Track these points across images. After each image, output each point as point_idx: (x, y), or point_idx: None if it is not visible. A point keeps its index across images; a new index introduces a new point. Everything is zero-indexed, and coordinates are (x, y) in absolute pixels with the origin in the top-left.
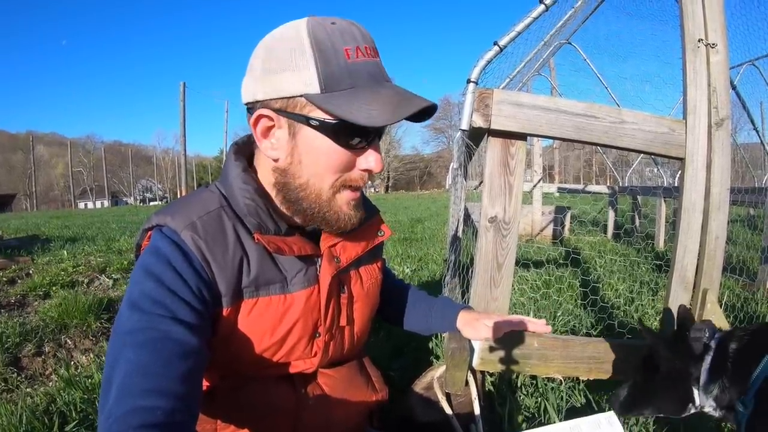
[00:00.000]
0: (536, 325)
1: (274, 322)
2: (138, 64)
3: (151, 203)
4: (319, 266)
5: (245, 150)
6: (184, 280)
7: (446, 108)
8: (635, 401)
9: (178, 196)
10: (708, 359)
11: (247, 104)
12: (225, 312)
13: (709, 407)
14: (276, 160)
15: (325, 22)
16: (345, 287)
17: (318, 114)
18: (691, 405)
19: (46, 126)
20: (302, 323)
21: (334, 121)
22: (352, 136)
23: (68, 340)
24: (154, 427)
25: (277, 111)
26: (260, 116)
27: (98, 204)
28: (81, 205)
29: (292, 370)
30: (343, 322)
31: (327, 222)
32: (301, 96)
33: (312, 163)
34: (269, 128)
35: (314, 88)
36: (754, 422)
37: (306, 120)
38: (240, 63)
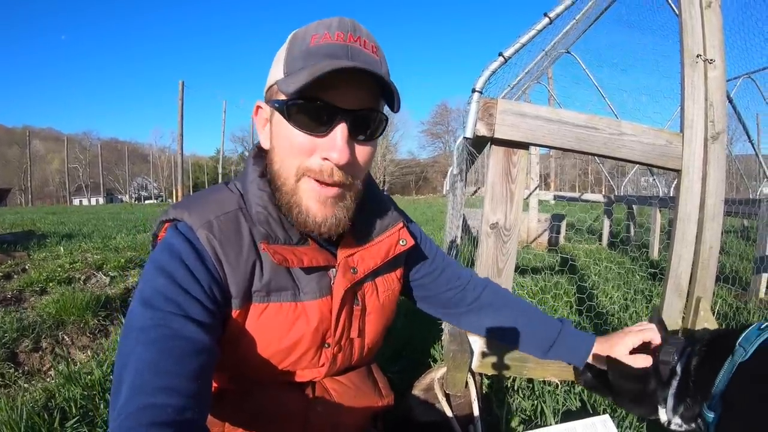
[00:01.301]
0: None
1: (283, 330)
2: (137, 62)
3: (146, 201)
4: (334, 277)
5: (265, 154)
6: (196, 278)
7: (443, 113)
8: (601, 387)
9: (174, 195)
10: (674, 384)
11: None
12: (234, 314)
13: (675, 425)
14: (268, 151)
15: (320, 21)
16: (359, 299)
17: (281, 97)
18: (655, 417)
19: (43, 121)
20: (311, 333)
21: (285, 100)
22: (307, 116)
23: (65, 337)
24: (164, 424)
25: (265, 102)
26: (257, 107)
27: (93, 201)
28: (76, 202)
29: (299, 378)
30: (353, 334)
31: (298, 220)
32: (274, 84)
33: (278, 146)
34: (266, 120)
35: (281, 73)
36: (724, 424)
37: (273, 103)
38: (239, 63)
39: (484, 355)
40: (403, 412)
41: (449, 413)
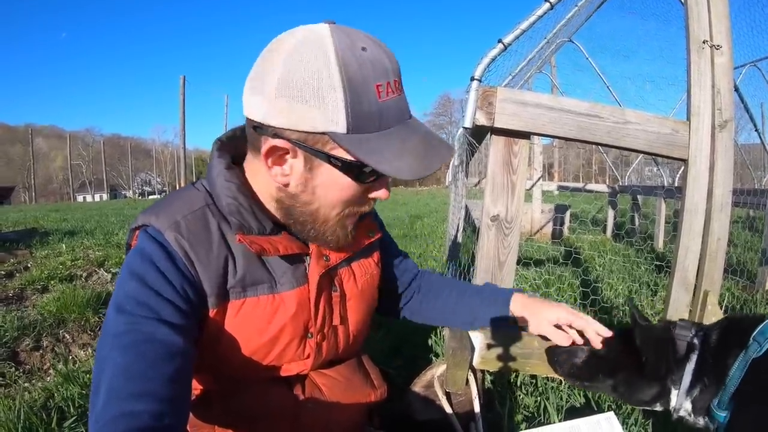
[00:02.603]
0: (600, 331)
1: (263, 324)
2: (138, 58)
3: (150, 197)
4: (308, 265)
5: (229, 146)
6: (167, 280)
7: (446, 105)
8: (591, 374)
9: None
10: (693, 360)
11: (253, 121)
12: (212, 313)
13: (684, 411)
14: (286, 185)
15: (355, 48)
16: (336, 285)
17: (340, 153)
18: (661, 402)
19: (45, 119)
20: (292, 324)
21: (358, 164)
22: (372, 175)
23: (66, 335)
24: (140, 431)
25: (295, 143)
26: (275, 148)
27: (97, 197)
28: (80, 198)
29: (284, 372)
30: (336, 321)
31: (325, 241)
32: (324, 133)
33: (326, 195)
34: (282, 155)
35: (341, 127)
36: (736, 427)
37: (327, 158)
38: (240, 57)
39: (485, 351)
40: (403, 410)
41: (449, 411)
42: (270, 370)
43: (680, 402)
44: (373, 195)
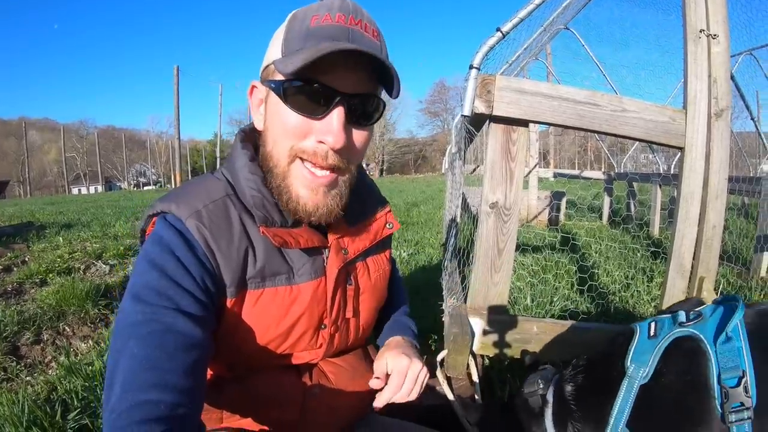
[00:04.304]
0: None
1: (280, 314)
2: (131, 48)
3: (145, 188)
4: (327, 258)
5: (252, 137)
6: (187, 271)
7: (442, 91)
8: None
9: (172, 180)
10: (548, 411)
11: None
12: (229, 303)
13: None
14: (261, 132)
15: (321, 3)
16: (352, 279)
17: (278, 77)
18: None
19: (39, 111)
20: (308, 315)
21: (282, 80)
22: (304, 98)
23: (66, 328)
24: (157, 421)
25: (261, 82)
26: (252, 87)
27: (92, 189)
28: (74, 191)
29: (296, 361)
30: (349, 314)
31: (288, 206)
32: (271, 63)
33: (273, 127)
34: (261, 100)
35: (278, 53)
36: None
37: (269, 83)
38: (234, 46)
39: (485, 336)
40: None
41: (450, 396)
42: (282, 358)
43: None
44: (319, 137)
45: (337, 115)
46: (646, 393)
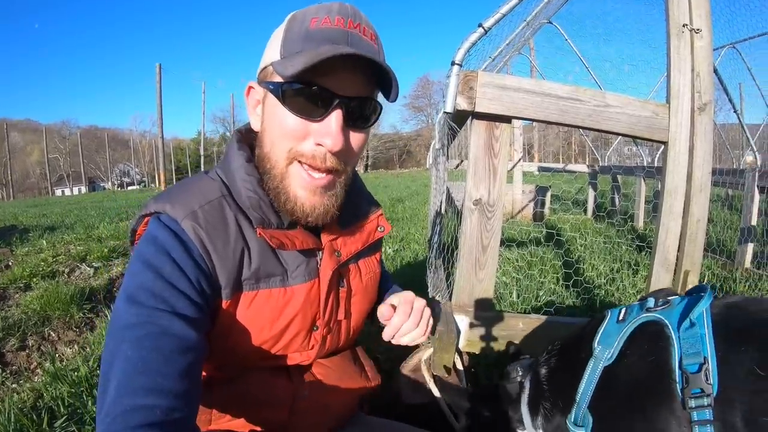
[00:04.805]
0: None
1: (274, 315)
2: (113, 46)
3: (129, 188)
4: (320, 260)
5: (248, 138)
6: (183, 272)
7: (426, 87)
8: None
9: (156, 179)
10: (524, 398)
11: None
12: (224, 304)
13: None
14: (257, 133)
15: (320, 5)
16: (344, 281)
17: (276, 79)
18: None
19: (20, 113)
20: (301, 316)
21: (280, 83)
22: (303, 101)
23: (52, 333)
24: (153, 426)
25: (258, 83)
26: (249, 87)
27: (75, 190)
28: (58, 192)
29: (288, 362)
30: (341, 316)
31: (286, 207)
32: (269, 65)
33: (270, 129)
34: (258, 101)
35: (277, 55)
36: None
37: (267, 85)
38: (217, 43)
39: (471, 334)
40: (391, 394)
41: (437, 394)
42: (274, 359)
43: None
44: (317, 140)
45: (335, 117)
46: (610, 373)
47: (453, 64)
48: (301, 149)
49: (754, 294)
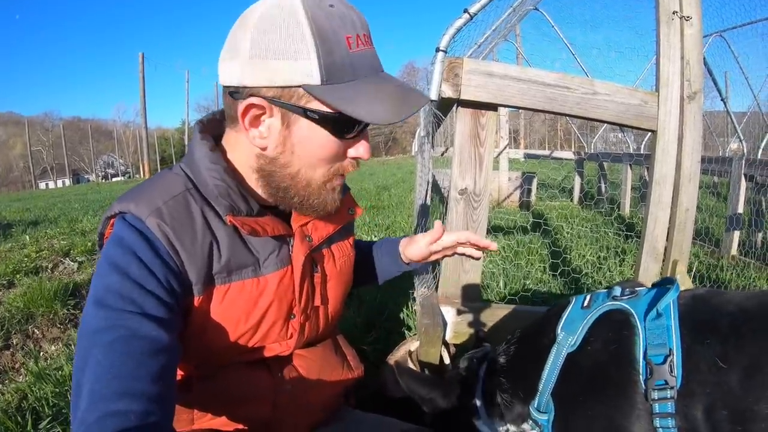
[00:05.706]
0: (479, 242)
1: (249, 307)
2: (95, 36)
3: (114, 179)
4: (292, 246)
5: (211, 128)
6: (151, 272)
7: (411, 73)
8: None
9: (141, 170)
10: (478, 388)
11: (229, 87)
12: (197, 301)
13: (507, 429)
14: (264, 149)
15: (322, 4)
16: (318, 266)
17: (316, 105)
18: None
19: (1, 105)
20: (277, 305)
21: (334, 114)
22: (350, 128)
23: (36, 330)
24: (128, 431)
25: (270, 100)
26: (251, 105)
27: (59, 183)
28: (42, 185)
29: (267, 353)
30: (317, 302)
31: (312, 208)
32: (299, 86)
33: (305, 154)
34: (259, 116)
35: (315, 79)
36: (564, 424)
37: (304, 112)
38: (200, 31)
39: (457, 325)
40: (377, 387)
41: (404, 386)
42: (253, 352)
43: (492, 425)
44: (353, 154)
45: (367, 132)
46: (572, 361)
47: (438, 50)
48: (344, 166)
49: (741, 282)
